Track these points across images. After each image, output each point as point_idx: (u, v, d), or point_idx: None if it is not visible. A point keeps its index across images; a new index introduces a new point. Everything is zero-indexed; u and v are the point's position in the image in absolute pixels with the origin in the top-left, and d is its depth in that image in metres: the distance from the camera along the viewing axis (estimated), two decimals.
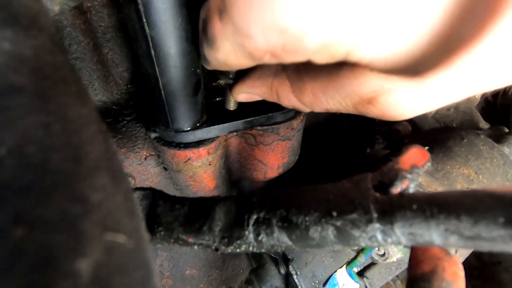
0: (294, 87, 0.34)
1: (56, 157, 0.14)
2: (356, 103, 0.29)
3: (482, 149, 0.60)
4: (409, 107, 0.27)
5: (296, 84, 0.33)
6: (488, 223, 0.21)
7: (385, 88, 0.26)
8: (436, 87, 0.24)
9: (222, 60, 0.29)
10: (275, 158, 0.56)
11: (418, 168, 0.28)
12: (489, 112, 0.90)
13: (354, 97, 0.28)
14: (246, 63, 0.28)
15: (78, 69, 0.44)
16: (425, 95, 0.25)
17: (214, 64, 0.31)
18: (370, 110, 0.28)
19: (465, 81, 0.23)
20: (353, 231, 0.25)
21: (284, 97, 0.35)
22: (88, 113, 0.17)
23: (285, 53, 0.24)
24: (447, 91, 0.24)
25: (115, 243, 0.14)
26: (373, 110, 0.28)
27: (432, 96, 0.25)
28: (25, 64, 0.15)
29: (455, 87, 0.24)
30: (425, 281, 0.29)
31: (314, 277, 0.62)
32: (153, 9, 0.30)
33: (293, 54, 0.24)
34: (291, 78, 0.34)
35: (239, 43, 0.25)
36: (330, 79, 0.30)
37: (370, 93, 0.27)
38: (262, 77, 0.37)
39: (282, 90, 0.35)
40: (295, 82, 0.33)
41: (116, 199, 0.15)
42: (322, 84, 0.31)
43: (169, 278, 0.79)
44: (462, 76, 0.22)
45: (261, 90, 0.38)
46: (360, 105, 0.29)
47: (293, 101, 0.34)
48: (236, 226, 0.28)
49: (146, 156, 0.55)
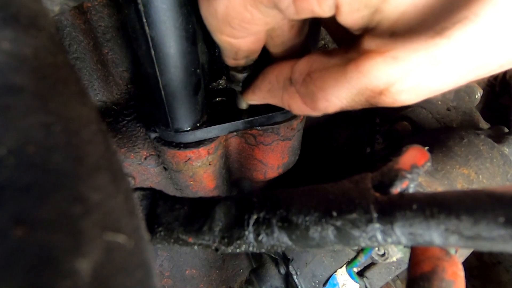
0: (305, 99, 0.34)
1: (56, 157, 0.14)
2: (368, 97, 0.29)
3: (482, 149, 0.60)
4: (418, 89, 0.27)
5: (307, 96, 0.33)
6: (488, 223, 0.21)
7: (395, 77, 0.27)
8: (449, 55, 0.24)
9: (223, 11, 0.27)
10: (275, 158, 0.56)
11: (418, 168, 0.28)
12: (489, 112, 0.90)
13: (366, 92, 0.29)
14: (254, 15, 0.27)
15: (78, 69, 0.44)
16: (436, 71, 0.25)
17: (213, 25, 0.30)
18: (382, 100, 0.29)
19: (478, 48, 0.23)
20: (353, 231, 0.25)
21: (297, 109, 0.36)
22: (88, 113, 0.17)
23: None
24: (459, 62, 0.24)
25: (115, 243, 0.14)
26: (385, 100, 0.29)
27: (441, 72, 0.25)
28: (25, 64, 0.15)
29: (468, 56, 0.24)
30: (425, 281, 0.29)
31: (314, 277, 0.62)
32: (153, 9, 0.30)
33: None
34: (301, 91, 0.34)
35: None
36: (339, 82, 0.30)
37: (381, 85, 0.28)
38: (272, 90, 0.37)
39: (294, 103, 0.35)
40: (306, 95, 0.34)
41: (116, 199, 0.15)
42: (332, 89, 0.31)
43: (169, 278, 0.79)
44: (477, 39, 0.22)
45: (273, 101, 0.39)
46: (372, 98, 0.29)
47: (306, 110, 0.35)
48: (236, 226, 0.28)
49: (146, 156, 0.55)
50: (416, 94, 0.27)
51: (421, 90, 0.27)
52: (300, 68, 0.34)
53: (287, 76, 0.35)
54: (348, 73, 0.29)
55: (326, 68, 0.31)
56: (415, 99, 0.28)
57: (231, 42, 0.31)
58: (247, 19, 0.27)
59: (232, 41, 0.31)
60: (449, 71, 0.25)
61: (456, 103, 0.77)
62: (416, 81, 0.26)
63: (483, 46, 0.23)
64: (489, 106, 0.94)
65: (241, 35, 0.30)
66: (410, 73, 0.26)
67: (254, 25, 0.28)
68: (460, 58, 0.24)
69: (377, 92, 0.28)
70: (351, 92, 0.30)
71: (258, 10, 0.26)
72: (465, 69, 0.25)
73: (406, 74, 0.26)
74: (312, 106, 0.34)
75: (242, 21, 0.28)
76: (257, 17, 0.27)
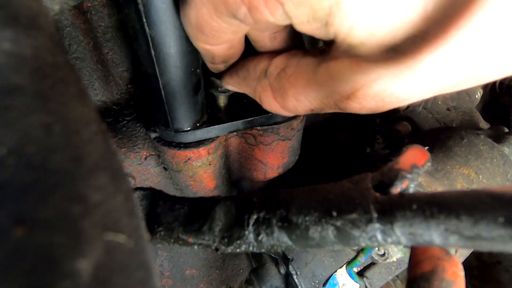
0: (276, 94, 0.34)
1: (56, 157, 0.14)
2: (336, 101, 0.30)
3: (482, 149, 0.60)
4: (385, 97, 0.27)
5: (278, 91, 0.34)
6: (488, 223, 0.21)
7: (360, 83, 0.27)
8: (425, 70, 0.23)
9: (195, 20, 0.28)
10: (275, 158, 0.56)
11: (418, 168, 0.28)
12: (489, 112, 0.90)
13: (334, 95, 0.29)
14: (220, 25, 0.28)
15: (78, 69, 0.44)
16: (400, 82, 0.25)
17: (190, 32, 0.31)
18: (350, 105, 0.29)
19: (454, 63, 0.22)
20: (353, 231, 0.25)
21: (267, 103, 0.36)
22: (88, 113, 0.17)
23: (265, 5, 0.24)
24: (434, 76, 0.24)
25: (115, 243, 0.14)
26: (353, 105, 0.29)
27: (406, 83, 0.25)
28: (25, 64, 0.15)
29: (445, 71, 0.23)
30: (425, 281, 0.29)
31: (314, 277, 0.62)
32: (153, 9, 0.30)
33: (272, 8, 0.24)
34: (274, 85, 0.34)
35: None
36: (310, 82, 0.31)
37: (348, 89, 0.28)
38: (247, 79, 0.37)
39: (265, 96, 0.36)
40: (277, 90, 0.34)
41: (116, 199, 0.15)
42: (303, 88, 0.31)
43: (169, 278, 0.79)
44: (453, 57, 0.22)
45: (245, 90, 0.39)
46: (340, 102, 0.29)
47: (275, 107, 0.35)
48: (236, 226, 0.28)
49: (146, 156, 0.55)
50: (383, 102, 0.27)
51: (388, 97, 0.27)
52: (278, 62, 0.34)
53: (264, 68, 0.35)
54: (319, 74, 0.30)
55: (300, 66, 0.32)
56: (383, 106, 0.28)
57: (206, 48, 0.32)
58: (215, 28, 0.28)
59: (207, 47, 0.32)
60: (413, 83, 0.25)
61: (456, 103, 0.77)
62: (381, 88, 0.26)
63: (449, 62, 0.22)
64: (489, 106, 0.94)
65: (214, 42, 0.31)
66: (375, 81, 0.26)
67: (223, 33, 0.29)
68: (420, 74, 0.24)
69: (345, 96, 0.28)
70: (320, 94, 0.30)
71: (222, 20, 0.27)
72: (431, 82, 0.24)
73: (372, 81, 0.26)
74: (281, 103, 0.34)
75: (212, 30, 0.29)
76: (223, 26, 0.28)
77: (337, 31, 0.24)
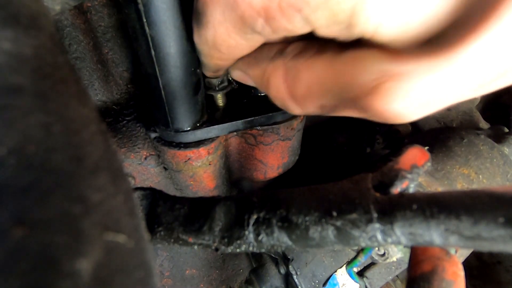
0: (288, 76, 0.30)
1: (56, 157, 0.14)
2: (356, 96, 0.26)
3: (482, 149, 0.60)
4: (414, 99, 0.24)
5: (291, 72, 0.30)
6: (488, 223, 0.21)
7: (390, 73, 0.23)
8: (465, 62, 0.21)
9: (212, 39, 0.28)
10: (275, 158, 0.56)
11: (418, 168, 0.28)
12: (489, 112, 0.90)
13: (354, 88, 0.25)
14: (238, 42, 0.27)
15: (78, 69, 0.44)
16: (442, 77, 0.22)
17: (205, 51, 0.31)
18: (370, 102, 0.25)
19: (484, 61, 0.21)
20: (353, 231, 0.25)
21: (273, 86, 0.32)
22: (88, 113, 0.17)
23: (282, 13, 0.23)
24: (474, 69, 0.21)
25: (115, 243, 0.14)
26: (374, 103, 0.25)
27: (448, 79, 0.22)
28: (25, 64, 0.15)
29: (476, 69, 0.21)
30: (425, 281, 0.29)
31: (314, 277, 0.62)
32: (153, 9, 0.30)
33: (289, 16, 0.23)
34: (288, 65, 0.30)
35: (230, 3, 0.24)
36: (328, 68, 0.27)
37: (373, 81, 0.24)
38: (258, 58, 0.34)
39: (274, 77, 0.32)
40: (291, 70, 0.30)
41: (116, 199, 0.15)
42: (318, 75, 0.28)
43: (169, 278, 0.79)
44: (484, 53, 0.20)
45: (254, 72, 0.35)
46: (359, 98, 0.26)
47: (282, 93, 0.32)
48: (236, 226, 0.28)
49: (146, 156, 0.55)
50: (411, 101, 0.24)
51: (419, 96, 0.24)
52: (298, 43, 0.31)
53: (281, 47, 0.32)
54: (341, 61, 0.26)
55: (321, 50, 0.28)
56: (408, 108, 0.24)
57: (219, 64, 0.33)
58: (233, 45, 0.28)
59: (220, 63, 0.32)
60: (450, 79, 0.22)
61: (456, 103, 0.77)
62: (413, 83, 0.23)
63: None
64: (489, 106, 0.94)
65: (229, 58, 0.31)
66: (406, 73, 0.23)
67: (239, 49, 0.29)
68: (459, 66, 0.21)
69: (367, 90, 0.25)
70: (337, 86, 0.27)
71: (240, 36, 0.27)
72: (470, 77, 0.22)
73: (402, 73, 0.23)
74: (291, 88, 0.31)
75: (229, 47, 0.29)
76: (240, 42, 0.28)
77: (363, 31, 0.23)
